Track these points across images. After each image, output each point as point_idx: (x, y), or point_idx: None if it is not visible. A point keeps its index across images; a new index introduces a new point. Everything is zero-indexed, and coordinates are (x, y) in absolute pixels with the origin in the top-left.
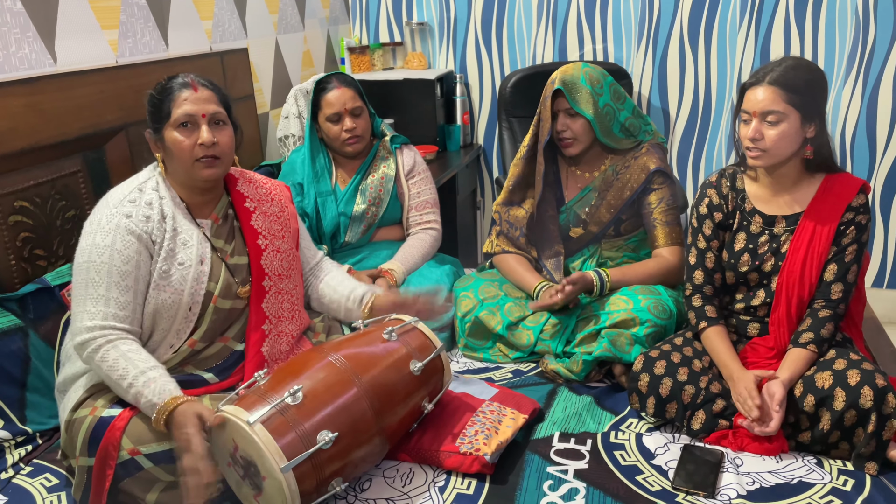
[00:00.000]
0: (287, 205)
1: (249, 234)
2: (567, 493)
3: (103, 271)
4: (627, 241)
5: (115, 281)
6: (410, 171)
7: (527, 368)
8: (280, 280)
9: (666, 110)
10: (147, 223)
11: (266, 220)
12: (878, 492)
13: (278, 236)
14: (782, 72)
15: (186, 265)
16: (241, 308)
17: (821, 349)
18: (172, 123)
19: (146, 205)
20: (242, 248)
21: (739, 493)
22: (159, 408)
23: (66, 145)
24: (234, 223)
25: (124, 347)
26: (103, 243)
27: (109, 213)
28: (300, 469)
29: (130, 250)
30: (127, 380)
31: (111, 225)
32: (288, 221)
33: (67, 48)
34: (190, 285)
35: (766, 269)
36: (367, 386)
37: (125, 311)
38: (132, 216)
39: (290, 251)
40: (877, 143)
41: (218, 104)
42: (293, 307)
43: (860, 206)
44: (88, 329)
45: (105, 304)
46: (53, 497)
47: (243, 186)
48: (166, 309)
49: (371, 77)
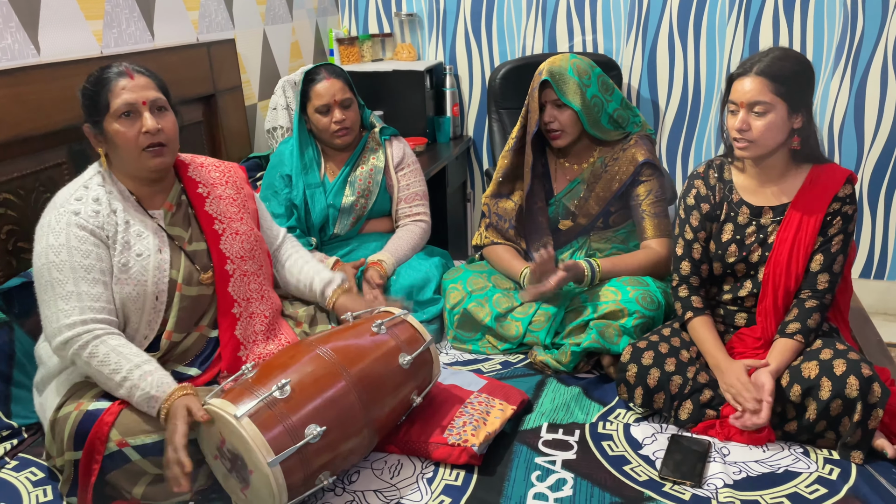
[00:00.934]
0: (243, 186)
1: (205, 219)
2: (555, 483)
3: (66, 269)
4: (616, 233)
5: (81, 276)
6: (400, 162)
7: (515, 360)
8: (243, 262)
9: (655, 102)
10: (97, 218)
11: (221, 203)
12: (864, 480)
13: (236, 219)
14: (769, 62)
15: (145, 255)
16: (209, 294)
17: (807, 339)
18: (113, 114)
19: (93, 201)
20: (199, 234)
21: (726, 483)
22: (162, 402)
23: (51, 137)
24: (188, 210)
25: (113, 342)
26: (57, 242)
27: (57, 214)
28: (288, 463)
29: (87, 245)
30: (121, 373)
31: (61, 224)
32: (245, 203)
33: (51, 39)
34: (152, 274)
35: (753, 260)
36: (356, 379)
37: (99, 302)
38: (80, 213)
39: (251, 232)
40: (864, 135)
41: (157, 90)
42: (261, 287)
43: (847, 196)
44: (69, 326)
45: (78, 299)
46: (39, 491)
47: (194, 172)
48: (132, 301)
49: (360, 68)
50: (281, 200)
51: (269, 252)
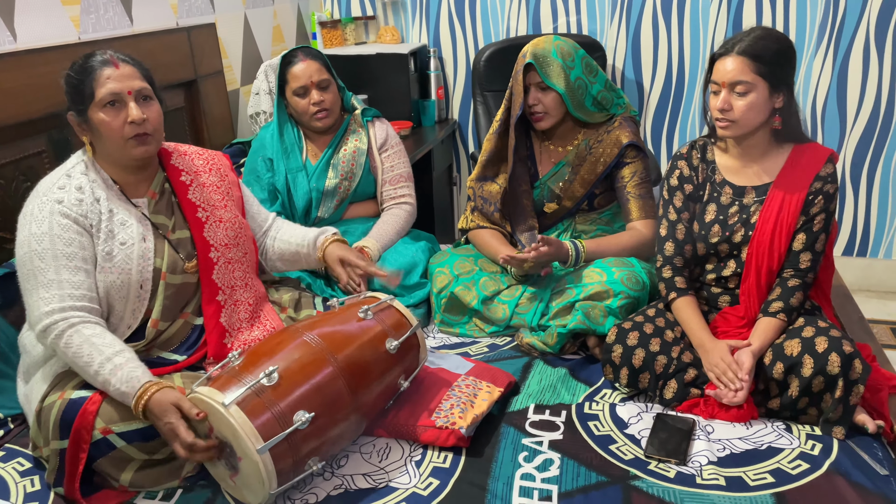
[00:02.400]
0: (227, 173)
1: (188, 207)
2: (542, 463)
3: (47, 257)
4: (601, 215)
5: (63, 263)
6: (383, 144)
7: (502, 342)
8: (227, 250)
9: (640, 83)
10: (80, 206)
11: (204, 191)
12: (846, 455)
13: (220, 206)
14: (751, 42)
15: (129, 244)
16: (193, 282)
17: (790, 318)
18: (98, 104)
19: (76, 189)
20: (183, 222)
21: (710, 460)
22: (134, 398)
23: (30, 125)
24: (171, 198)
25: (87, 332)
26: (40, 231)
27: (40, 203)
28: (277, 449)
29: (70, 233)
30: (93, 367)
31: (44, 213)
32: (230, 190)
33: (27, 25)
34: (136, 263)
35: (735, 240)
36: (343, 365)
37: (80, 289)
38: (63, 201)
39: (235, 220)
40: (847, 113)
41: (142, 79)
42: (245, 275)
43: (828, 175)
44: (47, 314)
45: (59, 287)
46: (27, 481)
47: (178, 160)
48: (116, 290)
49: (343, 52)
50: (264, 185)
51: (254, 240)
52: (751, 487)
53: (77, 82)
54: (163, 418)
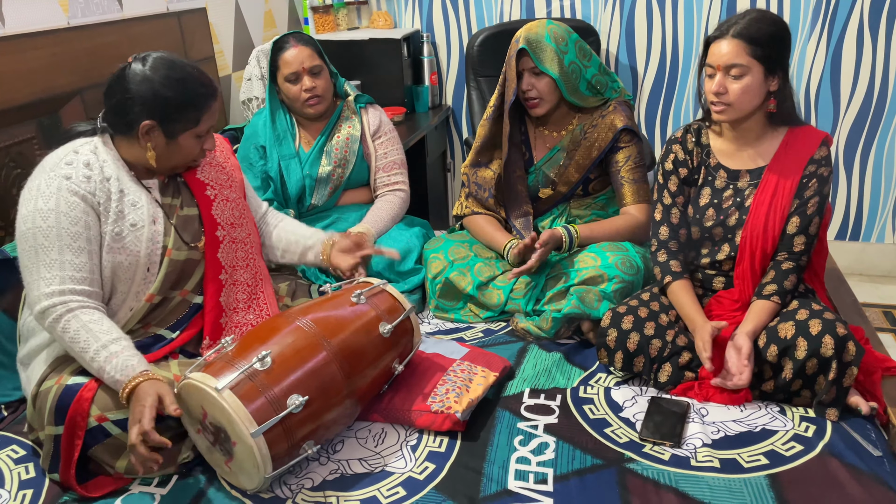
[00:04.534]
0: (229, 156)
1: (196, 186)
2: (537, 447)
3: (52, 235)
4: (596, 200)
5: (67, 243)
6: (376, 130)
7: (497, 328)
8: (233, 229)
9: (634, 67)
10: (89, 183)
11: (212, 170)
12: (839, 437)
13: (226, 186)
14: (746, 24)
15: (139, 226)
16: (197, 259)
17: (784, 300)
18: (195, 132)
19: (84, 165)
20: (191, 200)
21: (705, 442)
22: (124, 385)
23: (19, 111)
24: (178, 179)
25: (85, 318)
26: (46, 207)
27: (48, 178)
28: (271, 433)
29: (77, 211)
30: (89, 353)
31: (52, 188)
32: (232, 172)
33: (15, 10)
34: (145, 245)
35: (730, 224)
36: (337, 349)
37: (82, 272)
38: (72, 177)
39: (239, 200)
40: (840, 97)
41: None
42: (247, 255)
43: (822, 158)
44: (47, 296)
45: (60, 268)
46: (21, 468)
47: None
48: (123, 271)
49: (335, 37)
50: (256, 173)
51: (255, 222)
52: (745, 469)
53: (180, 105)
54: (139, 402)
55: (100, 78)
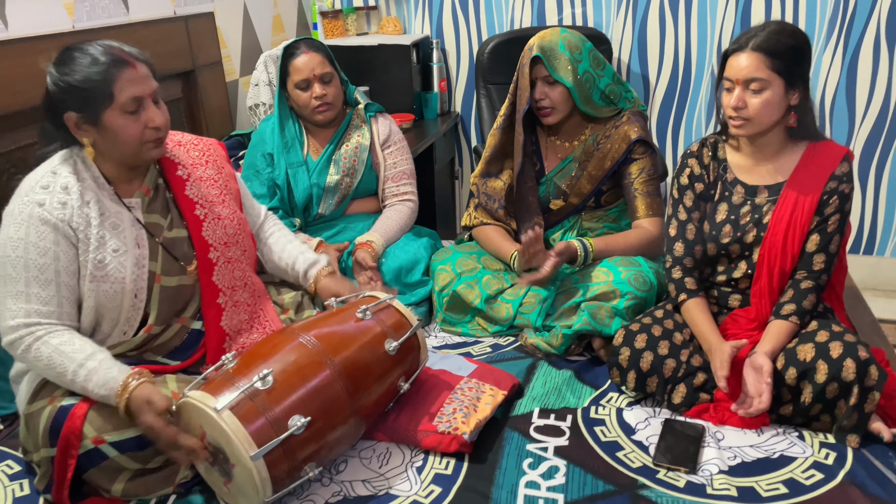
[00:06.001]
0: (223, 165)
1: (185, 205)
2: (547, 471)
3: (19, 266)
4: (608, 212)
5: (34, 276)
6: (386, 140)
7: (505, 342)
8: (227, 249)
9: (646, 76)
10: (63, 209)
11: (202, 186)
12: (860, 465)
13: (217, 202)
14: (766, 37)
15: (121, 251)
16: (190, 284)
17: (802, 321)
18: (118, 108)
19: (62, 189)
20: (180, 220)
21: (721, 469)
22: (114, 400)
23: (21, 116)
24: (166, 194)
25: (55, 341)
26: (17, 236)
27: (21, 203)
28: (271, 456)
29: (46, 241)
30: (67, 375)
31: (23, 216)
32: (227, 183)
33: (19, 12)
34: (131, 271)
35: (747, 241)
36: (341, 367)
37: (48, 306)
38: (45, 204)
39: (234, 215)
40: (856, 109)
41: (154, 77)
42: (244, 274)
43: (843, 174)
44: (12, 329)
45: (26, 301)
46: (16, 485)
47: (174, 151)
48: (109, 300)
49: (344, 42)
50: (263, 180)
51: (252, 235)
52: (763, 498)
53: (87, 85)
54: (139, 417)
55: None
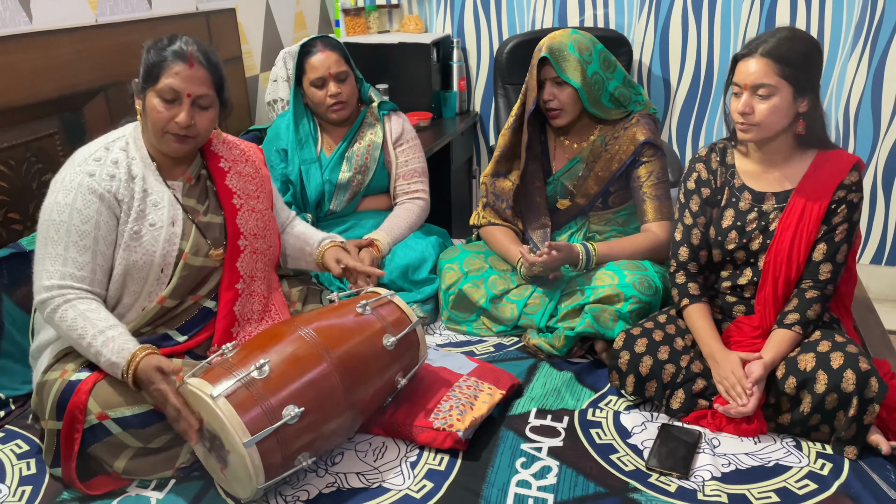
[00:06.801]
0: (261, 167)
1: (224, 193)
2: (539, 471)
3: (62, 230)
4: (616, 215)
5: (74, 241)
6: (398, 138)
7: (509, 342)
8: (255, 240)
9: (667, 79)
10: (111, 182)
11: (241, 180)
12: (856, 476)
13: (253, 196)
14: (776, 43)
15: (157, 226)
16: (213, 267)
17: (806, 330)
18: (157, 91)
19: (111, 163)
20: (217, 207)
21: (714, 475)
22: (124, 369)
23: (42, 107)
24: (206, 183)
25: (82, 307)
26: (64, 202)
27: (73, 172)
28: (265, 444)
29: (91, 210)
30: (86, 339)
31: (73, 184)
32: (263, 183)
33: (43, 6)
34: (161, 246)
35: (753, 248)
36: (338, 361)
37: (83, 271)
38: (95, 175)
39: (266, 211)
40: (881, 117)
41: (209, 86)
42: (265, 267)
43: (852, 184)
44: (46, 288)
45: (63, 264)
46: (23, 464)
47: (218, 147)
48: (137, 270)
49: (365, 40)
50: (276, 175)
51: (278, 234)
52: None
53: (151, 62)
54: (151, 384)
55: (124, 76)
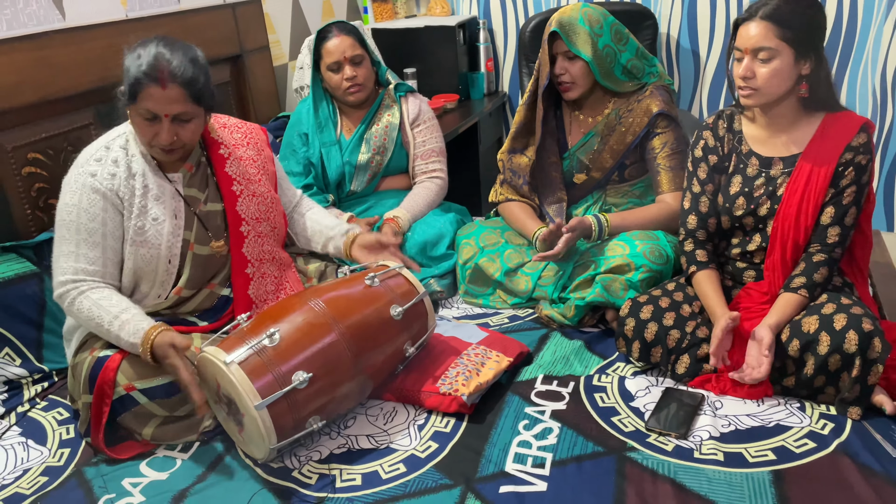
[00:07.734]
0: (263, 148)
1: (223, 181)
2: (540, 432)
3: (72, 229)
4: (633, 188)
5: (83, 238)
6: (415, 119)
7: (524, 314)
8: (258, 224)
9: (696, 52)
10: (112, 180)
11: (241, 165)
12: (858, 436)
13: (254, 180)
14: (776, 5)
15: (160, 220)
16: (222, 254)
17: (812, 294)
18: (136, 110)
19: (112, 162)
20: (216, 195)
21: (712, 435)
22: (141, 348)
23: (77, 99)
24: (207, 170)
25: (95, 296)
26: (71, 202)
27: (77, 173)
28: (276, 407)
29: (96, 208)
30: (104, 326)
31: (77, 184)
32: (265, 165)
33: (76, 3)
34: (166, 239)
35: (761, 213)
36: (346, 330)
37: (94, 265)
38: (97, 175)
39: (268, 194)
40: None
41: (186, 102)
42: (273, 249)
43: (860, 145)
44: (62, 284)
45: (75, 260)
46: (63, 429)
47: (218, 132)
48: (146, 263)
49: (392, 25)
50: (299, 159)
51: (284, 214)
52: (749, 464)
53: (128, 79)
54: (164, 360)
55: None
